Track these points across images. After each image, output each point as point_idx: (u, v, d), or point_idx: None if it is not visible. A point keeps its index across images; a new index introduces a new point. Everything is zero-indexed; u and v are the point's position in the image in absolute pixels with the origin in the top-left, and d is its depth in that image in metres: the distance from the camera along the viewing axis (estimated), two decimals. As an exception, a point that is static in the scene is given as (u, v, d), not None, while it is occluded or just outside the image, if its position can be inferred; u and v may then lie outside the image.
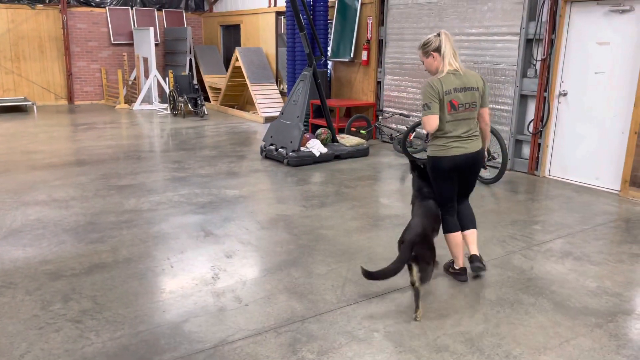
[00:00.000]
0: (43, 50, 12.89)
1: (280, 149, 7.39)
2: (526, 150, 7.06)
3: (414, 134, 7.78)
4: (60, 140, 8.74)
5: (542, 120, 6.72)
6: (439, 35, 3.52)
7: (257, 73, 11.74)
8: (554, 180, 6.65)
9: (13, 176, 6.32)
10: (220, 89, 13.08)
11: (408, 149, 7.52)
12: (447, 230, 3.76)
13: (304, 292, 3.52)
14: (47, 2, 12.71)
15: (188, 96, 11.63)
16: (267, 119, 11.17)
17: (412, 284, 3.24)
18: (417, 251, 3.23)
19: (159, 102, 13.16)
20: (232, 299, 3.40)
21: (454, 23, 7.73)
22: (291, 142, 7.28)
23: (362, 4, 9.27)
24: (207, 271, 3.82)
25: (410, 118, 8.59)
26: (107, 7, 13.39)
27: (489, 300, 3.48)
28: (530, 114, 6.91)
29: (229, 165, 7.24)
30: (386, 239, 4.55)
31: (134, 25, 13.71)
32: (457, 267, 3.81)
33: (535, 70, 6.73)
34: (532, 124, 6.83)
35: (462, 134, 3.54)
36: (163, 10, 14.20)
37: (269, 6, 12.08)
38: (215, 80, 13.41)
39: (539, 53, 6.67)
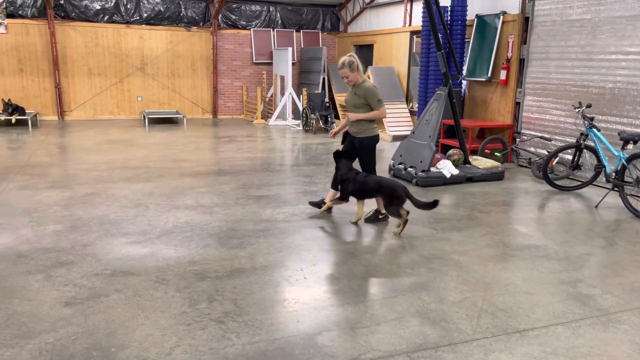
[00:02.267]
0: (195, 68, 14.22)
1: (409, 169, 7.31)
2: (695, 184, 6.18)
3: (556, 159, 7.23)
4: (205, 151, 9.53)
5: None
6: (352, 56, 5.15)
7: (388, 92, 11.79)
8: None
9: (166, 182, 7.00)
10: (350, 107, 13.33)
11: (549, 175, 7.01)
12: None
13: (436, 319, 3.40)
14: (200, 25, 14.04)
15: (320, 113, 12.04)
16: (395, 138, 11.15)
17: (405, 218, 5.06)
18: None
19: (292, 118, 13.78)
20: (363, 316, 3.39)
21: (610, 41, 7.09)
22: (421, 161, 7.17)
23: (503, 22, 8.90)
24: (338, 286, 3.86)
25: (552, 142, 8.00)
26: (251, 29, 14.42)
27: (652, 352, 3.07)
28: (702, 142, 6.05)
29: (358, 182, 7.29)
30: (525, 270, 4.25)
31: (274, 46, 14.58)
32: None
33: None
34: None
35: None
36: (301, 31, 14.92)
37: (404, 25, 12.12)
38: (346, 98, 13.71)
39: None
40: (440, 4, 7.89)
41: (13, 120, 11.70)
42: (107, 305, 3.46)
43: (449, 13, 9.47)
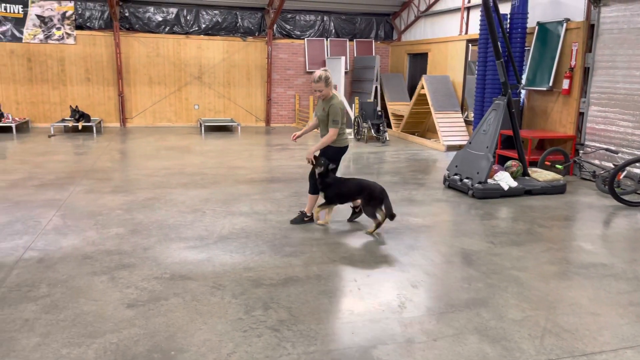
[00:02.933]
0: (249, 77, 14.53)
1: (465, 180, 7.14)
2: None
3: (624, 173, 6.87)
4: (259, 158, 9.68)
5: None
6: (327, 71, 5.26)
7: (442, 101, 11.61)
8: None
9: (222, 188, 7.15)
10: (402, 116, 13.24)
11: (616, 189, 6.67)
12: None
13: (496, 337, 3.28)
14: (256, 35, 14.33)
15: (372, 122, 12.00)
16: (449, 148, 10.94)
17: (382, 219, 5.24)
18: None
19: (344, 126, 13.80)
20: (419, 331, 3.33)
21: (685, 48, 6.68)
22: (478, 173, 6.99)
23: (566, 30, 8.58)
24: (393, 298, 3.81)
25: (619, 154, 7.61)
26: (305, 39, 14.58)
27: None
28: None
29: (411, 192, 7.21)
30: (591, 290, 4.04)
31: (327, 55, 14.68)
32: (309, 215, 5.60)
33: None
34: None
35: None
36: (354, 40, 14.96)
37: (460, 34, 11.91)
38: (399, 107, 13.60)
39: None
40: (500, 12, 7.69)
41: (79, 127, 12.32)
42: (166, 308, 3.55)
43: (509, 20, 9.23)
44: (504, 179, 7.04)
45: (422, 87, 11.77)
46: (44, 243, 4.78)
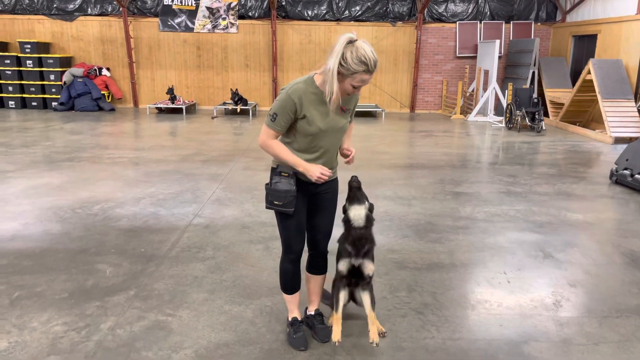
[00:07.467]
0: (396, 63, 14.44)
1: (637, 176, 6.36)
2: None
3: None
4: (403, 144, 9.62)
5: None
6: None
7: (612, 87, 10.39)
8: None
9: (366, 172, 7.26)
10: (562, 104, 12.14)
11: None
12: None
13: (672, 351, 2.90)
14: (406, 19, 14.17)
15: (526, 110, 11.20)
16: (618, 140, 9.80)
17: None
18: None
19: (494, 114, 13.09)
20: (577, 332, 3.07)
21: None
22: (654, 168, 6.17)
23: None
24: (547, 295, 3.56)
25: None
26: (457, 22, 14.04)
27: None
28: None
29: (570, 186, 6.62)
30: None
31: (480, 39, 13.98)
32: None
33: None
34: None
35: None
36: (511, 22, 14.02)
37: (638, 13, 10.51)
38: (558, 94, 12.49)
39: None
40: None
41: (238, 110, 13.39)
42: (315, 280, 3.73)
43: None
44: (688, 177, 6.12)
45: (589, 72, 10.65)
46: (209, 212, 5.32)
